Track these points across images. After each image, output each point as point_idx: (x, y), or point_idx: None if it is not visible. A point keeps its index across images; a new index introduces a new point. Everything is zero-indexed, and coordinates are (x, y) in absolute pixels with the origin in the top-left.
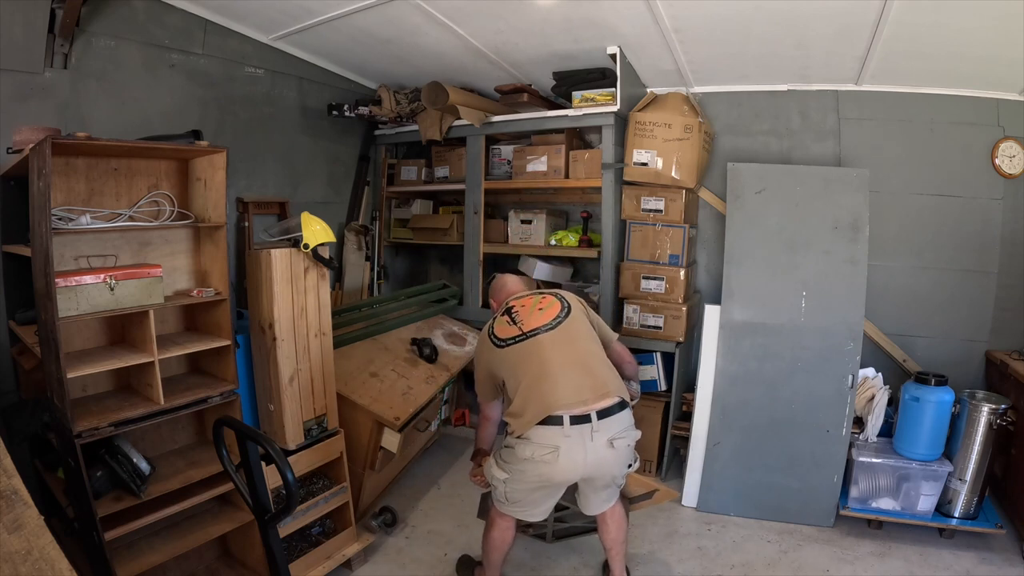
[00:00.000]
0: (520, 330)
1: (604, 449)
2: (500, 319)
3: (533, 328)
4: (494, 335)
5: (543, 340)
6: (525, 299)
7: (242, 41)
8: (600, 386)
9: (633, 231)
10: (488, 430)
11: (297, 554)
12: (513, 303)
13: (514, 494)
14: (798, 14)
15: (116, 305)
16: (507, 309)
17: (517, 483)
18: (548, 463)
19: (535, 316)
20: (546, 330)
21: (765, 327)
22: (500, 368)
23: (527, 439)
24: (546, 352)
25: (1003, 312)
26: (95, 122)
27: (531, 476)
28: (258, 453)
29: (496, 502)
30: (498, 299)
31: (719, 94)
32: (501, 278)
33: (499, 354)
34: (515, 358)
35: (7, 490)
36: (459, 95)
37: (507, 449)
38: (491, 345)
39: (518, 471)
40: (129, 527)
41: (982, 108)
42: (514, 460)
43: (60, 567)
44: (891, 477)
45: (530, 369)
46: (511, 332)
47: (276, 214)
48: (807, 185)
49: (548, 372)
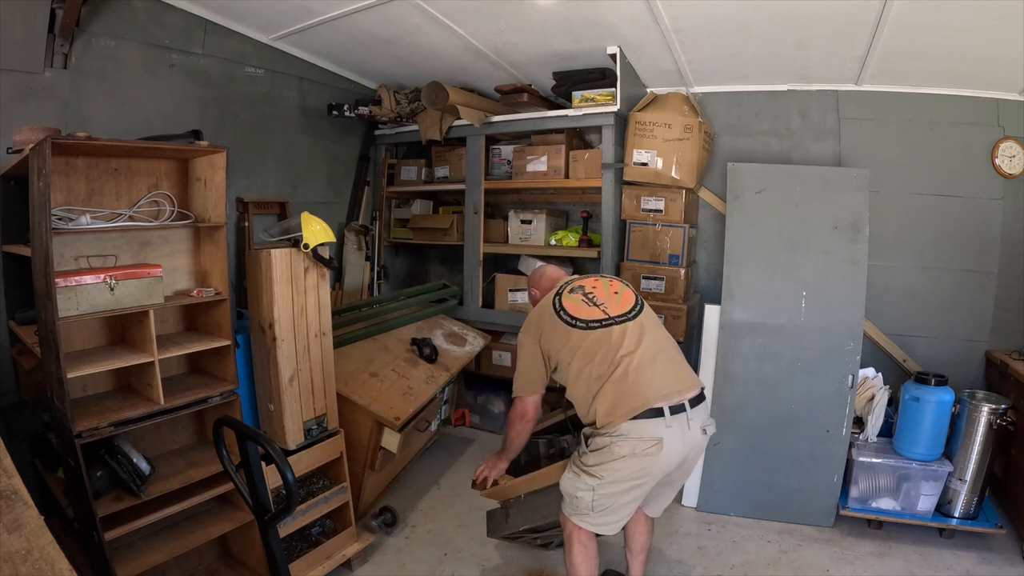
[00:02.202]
0: (605, 313)
1: (699, 436)
2: (571, 296)
3: (621, 313)
4: (565, 312)
5: (630, 328)
6: (594, 280)
7: (242, 41)
8: (688, 375)
9: (633, 231)
10: (526, 432)
11: (297, 554)
12: (581, 283)
13: (605, 500)
14: (798, 14)
15: (116, 305)
16: (575, 288)
17: (612, 486)
18: (651, 455)
19: (615, 301)
20: (633, 316)
21: (765, 327)
22: (565, 349)
23: (623, 435)
24: (638, 340)
25: (1003, 312)
26: (95, 122)
27: (629, 473)
28: (258, 453)
29: (576, 516)
30: (542, 286)
31: (719, 94)
32: (543, 267)
33: (574, 335)
34: (597, 344)
35: (7, 490)
36: (459, 95)
37: (593, 452)
38: (562, 323)
39: (613, 471)
40: (129, 527)
41: (982, 108)
42: (608, 460)
43: (60, 567)
44: (891, 477)
45: (619, 358)
46: (593, 314)
47: (276, 214)
48: (807, 185)
49: (643, 363)
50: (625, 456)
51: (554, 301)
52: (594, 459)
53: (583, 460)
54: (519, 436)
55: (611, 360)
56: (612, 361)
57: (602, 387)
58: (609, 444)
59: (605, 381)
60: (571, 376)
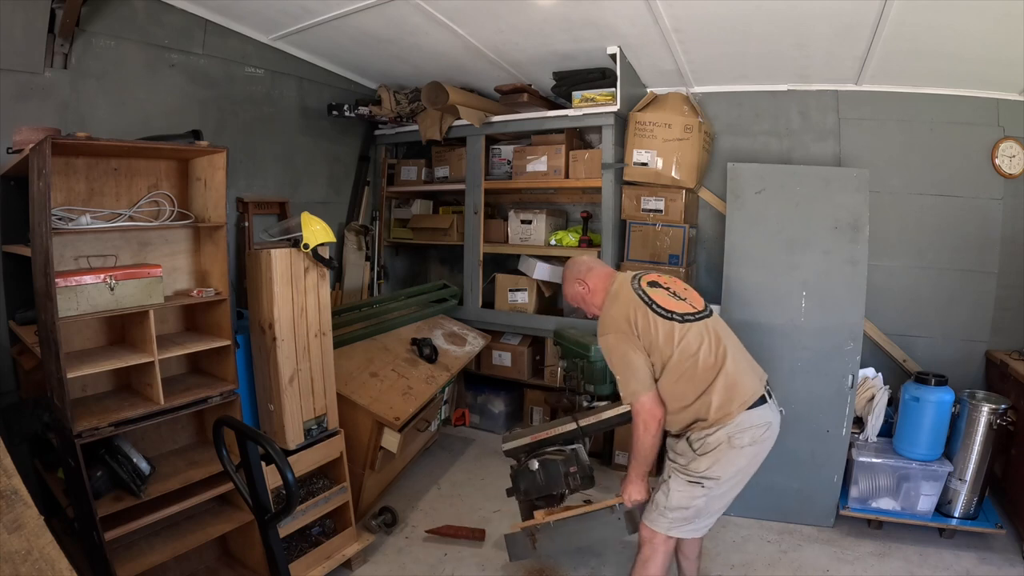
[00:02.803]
0: (693, 307)
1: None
2: (654, 290)
3: (701, 309)
4: (657, 305)
5: (711, 321)
6: (657, 275)
7: (242, 41)
8: (759, 366)
9: (633, 231)
10: (660, 434)
11: (297, 554)
12: (652, 277)
13: (715, 502)
14: (798, 14)
15: (116, 305)
16: (652, 283)
17: (727, 484)
18: (766, 441)
19: (691, 296)
20: (709, 311)
21: (765, 327)
22: (665, 344)
23: (741, 426)
24: (722, 332)
25: (1003, 312)
26: (95, 122)
27: (746, 464)
28: (258, 453)
29: (675, 527)
30: (593, 281)
31: (719, 94)
32: (584, 259)
33: (676, 329)
34: (697, 337)
35: (7, 490)
36: (459, 95)
37: (705, 456)
38: (659, 317)
39: (733, 466)
40: (129, 527)
41: (982, 108)
42: (726, 456)
43: (60, 567)
44: (891, 477)
45: (722, 351)
46: (683, 307)
47: (276, 214)
48: (807, 185)
49: (736, 353)
50: (746, 446)
51: (640, 295)
52: (707, 462)
53: (692, 468)
54: (656, 442)
55: (717, 353)
56: (718, 354)
57: (713, 381)
58: (727, 439)
59: (717, 373)
60: (671, 372)
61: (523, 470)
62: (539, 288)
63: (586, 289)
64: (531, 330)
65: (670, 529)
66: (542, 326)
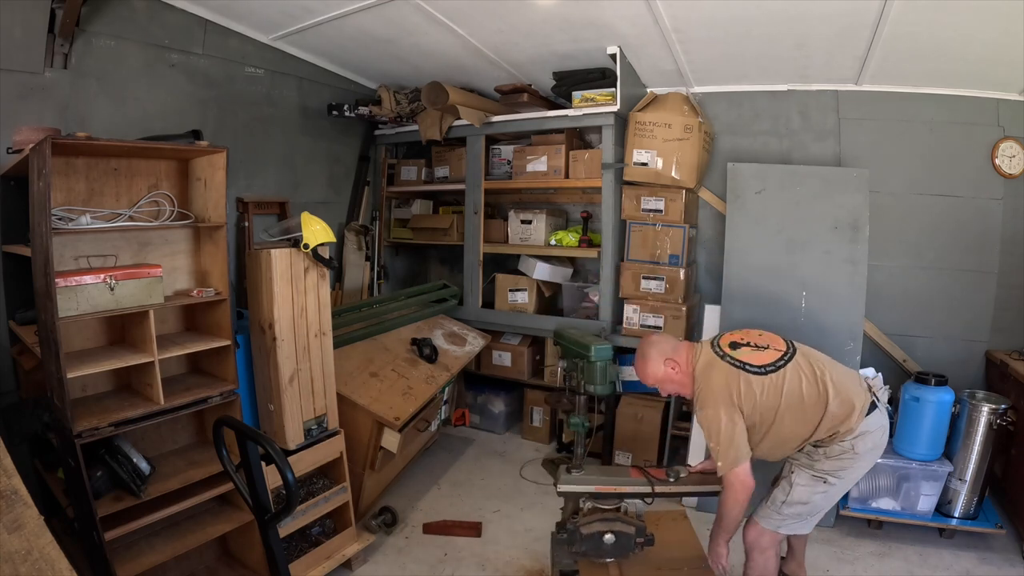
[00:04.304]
0: (778, 351)
1: None
2: (739, 351)
3: (786, 350)
4: (751, 365)
5: (799, 357)
6: (734, 333)
7: (242, 41)
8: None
9: (633, 231)
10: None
11: (297, 554)
12: (730, 338)
13: (829, 500)
14: (798, 14)
15: (116, 305)
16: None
17: (846, 483)
18: (883, 443)
19: (769, 339)
20: (795, 350)
21: (765, 327)
22: (767, 399)
23: (863, 433)
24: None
25: (1003, 312)
26: (95, 122)
27: (866, 465)
28: (258, 453)
29: (780, 524)
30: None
31: (719, 94)
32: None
33: (774, 380)
34: (796, 378)
35: (7, 490)
36: (459, 95)
37: (831, 459)
38: (755, 376)
39: (855, 467)
40: (129, 527)
41: (982, 108)
42: (850, 460)
43: (60, 567)
44: (891, 477)
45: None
46: (770, 356)
47: (276, 214)
48: (807, 185)
49: (833, 372)
50: (869, 450)
51: (730, 361)
52: (833, 464)
53: (820, 467)
54: (744, 511)
55: (818, 384)
56: (820, 385)
57: (826, 409)
58: (852, 446)
59: (827, 402)
60: (782, 419)
61: (590, 537)
62: (539, 288)
63: (677, 369)
64: (531, 330)
65: (780, 526)
66: (542, 326)
